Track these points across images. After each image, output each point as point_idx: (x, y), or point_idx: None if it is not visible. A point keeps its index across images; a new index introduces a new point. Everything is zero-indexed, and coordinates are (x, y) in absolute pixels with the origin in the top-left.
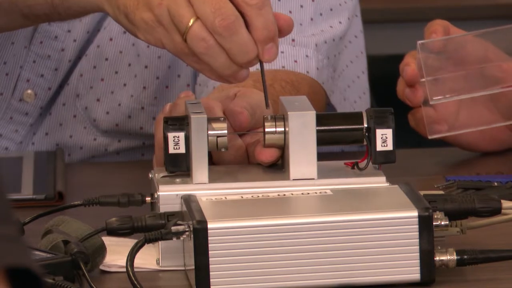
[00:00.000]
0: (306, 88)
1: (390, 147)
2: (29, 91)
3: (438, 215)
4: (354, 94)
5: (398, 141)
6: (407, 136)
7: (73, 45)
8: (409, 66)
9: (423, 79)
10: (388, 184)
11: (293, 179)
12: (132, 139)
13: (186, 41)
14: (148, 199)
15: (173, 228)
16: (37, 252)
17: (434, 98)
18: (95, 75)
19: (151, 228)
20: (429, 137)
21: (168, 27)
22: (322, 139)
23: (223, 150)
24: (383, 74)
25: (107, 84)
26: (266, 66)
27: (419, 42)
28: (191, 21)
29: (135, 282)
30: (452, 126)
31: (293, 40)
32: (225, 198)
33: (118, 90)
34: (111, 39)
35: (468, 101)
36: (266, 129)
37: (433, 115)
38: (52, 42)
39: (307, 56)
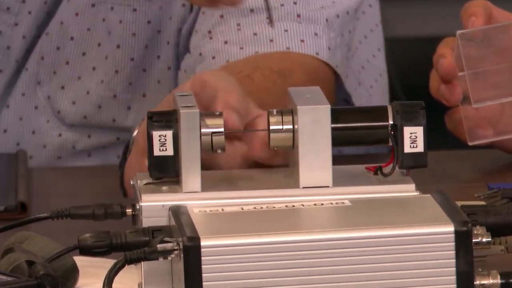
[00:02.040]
0: (300, 76)
1: (420, 148)
2: None
3: (478, 230)
4: (369, 77)
5: (430, 141)
6: (441, 135)
7: (28, 18)
8: (445, 58)
9: (462, 73)
10: (418, 193)
11: (304, 187)
12: (104, 133)
13: None
14: (129, 210)
15: (159, 246)
16: None
17: (476, 101)
18: (59, 58)
19: (132, 246)
20: (470, 144)
21: None
22: (338, 139)
23: (219, 151)
24: (412, 59)
25: (73, 68)
26: (301, 49)
27: (459, 32)
28: None
29: None
30: (496, 129)
31: (298, 15)
32: (222, 209)
33: (86, 75)
34: (76, 14)
35: None
36: (271, 126)
37: (474, 116)
38: (3, 15)
39: (316, 34)
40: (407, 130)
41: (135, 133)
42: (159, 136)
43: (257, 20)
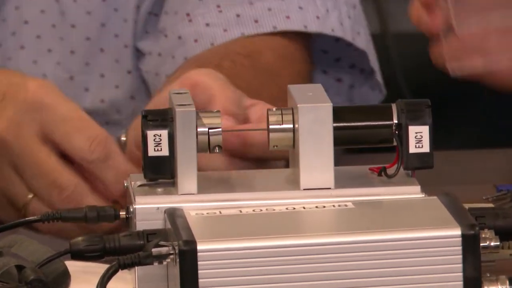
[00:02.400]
0: (269, 57)
1: (426, 148)
2: None
3: (486, 234)
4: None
5: (436, 141)
6: (447, 135)
7: None
8: None
9: None
10: (424, 195)
11: (305, 189)
12: None
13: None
14: (122, 213)
15: (154, 250)
16: None
17: (459, 27)
18: (14, 44)
19: (126, 250)
20: (453, 75)
21: (6, 206)
22: (340, 138)
23: (216, 151)
24: (418, 56)
25: (29, 52)
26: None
27: None
28: (28, 197)
29: None
30: (484, 59)
31: None
32: (220, 212)
33: (42, 58)
34: None
35: (499, 18)
36: (271, 126)
37: (458, 46)
38: None
39: (300, 7)
40: (412, 130)
41: (123, 137)
42: (154, 135)
43: (238, 1)
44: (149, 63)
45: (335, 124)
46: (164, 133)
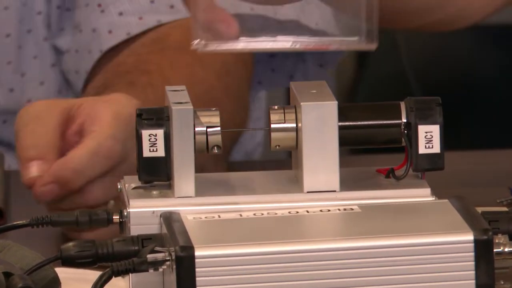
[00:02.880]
0: (178, 36)
1: (436, 149)
2: None
3: (500, 239)
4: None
5: (447, 141)
6: (459, 134)
7: None
8: None
9: None
10: (434, 198)
11: (308, 192)
12: None
13: None
14: (115, 217)
15: (149, 257)
16: None
17: None
18: None
19: (120, 256)
20: (197, 50)
21: None
22: (346, 138)
23: (215, 151)
24: (428, 51)
25: None
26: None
27: None
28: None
29: None
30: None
31: None
32: (219, 216)
33: None
34: None
35: None
36: (272, 125)
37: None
38: None
39: None
40: (422, 129)
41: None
42: (149, 135)
43: None
44: (68, 61)
45: (340, 123)
46: (159, 132)
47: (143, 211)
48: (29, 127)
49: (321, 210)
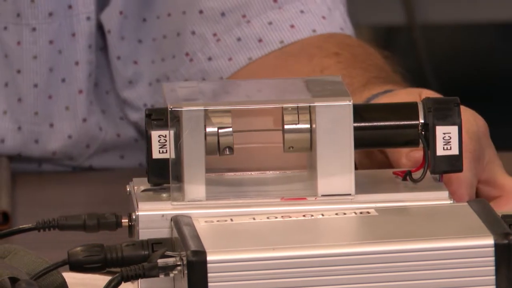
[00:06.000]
0: (357, 46)
1: (455, 150)
2: None
3: None
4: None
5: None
6: None
7: None
8: None
9: None
10: (452, 202)
11: (323, 195)
12: None
13: None
14: (124, 221)
15: (160, 261)
16: None
17: None
18: None
19: (129, 261)
20: None
21: None
22: (361, 140)
23: (227, 152)
24: (446, 48)
25: None
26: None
27: None
28: None
29: None
30: None
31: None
32: (231, 220)
33: None
34: None
35: None
36: (286, 126)
37: None
38: None
39: (302, 11)
40: (440, 130)
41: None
42: (159, 136)
43: (233, 22)
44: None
45: (355, 124)
46: (169, 133)
47: (153, 214)
48: None
49: (336, 214)
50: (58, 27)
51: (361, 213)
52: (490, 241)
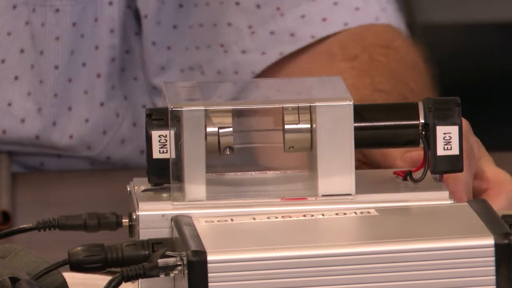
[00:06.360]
0: (401, 44)
1: (455, 150)
2: None
3: None
4: None
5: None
6: (480, 135)
7: None
8: None
9: None
10: (453, 202)
11: (324, 195)
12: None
13: None
14: (125, 221)
15: (160, 261)
16: None
17: None
18: None
19: (130, 260)
20: None
21: None
22: (361, 140)
23: (227, 152)
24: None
25: None
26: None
27: None
28: None
29: None
30: None
31: None
32: (231, 220)
33: (7, 85)
34: None
35: None
36: (286, 125)
37: None
38: None
39: (335, 3)
40: (440, 130)
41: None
42: (159, 136)
43: (268, 14)
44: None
45: (356, 124)
46: (170, 133)
47: (153, 214)
48: None
49: (336, 214)
50: (82, 10)
51: (361, 213)
52: (490, 241)
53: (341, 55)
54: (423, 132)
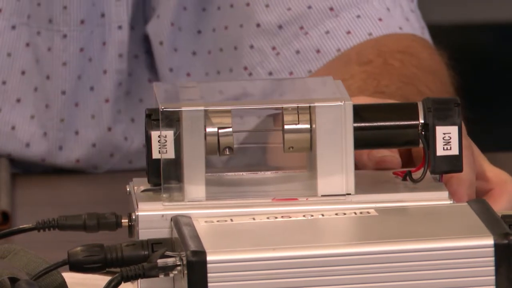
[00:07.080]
0: (422, 50)
1: (455, 150)
2: None
3: None
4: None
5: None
6: (480, 136)
7: None
8: None
9: None
10: (452, 202)
11: (323, 195)
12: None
13: None
14: (124, 221)
15: (160, 261)
16: None
17: None
18: None
19: (129, 261)
20: None
21: None
22: (361, 140)
23: (227, 153)
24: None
25: None
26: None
27: None
28: None
29: None
30: None
31: (331, 8)
32: (231, 220)
33: (9, 107)
34: None
35: None
36: (286, 126)
37: None
38: None
39: (358, 16)
40: (440, 130)
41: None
42: (159, 136)
43: (291, 34)
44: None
45: (355, 124)
46: (169, 133)
47: (152, 214)
48: None
49: (336, 214)
50: (90, 35)
51: (361, 213)
52: (490, 241)
53: (356, 59)
54: (423, 132)
